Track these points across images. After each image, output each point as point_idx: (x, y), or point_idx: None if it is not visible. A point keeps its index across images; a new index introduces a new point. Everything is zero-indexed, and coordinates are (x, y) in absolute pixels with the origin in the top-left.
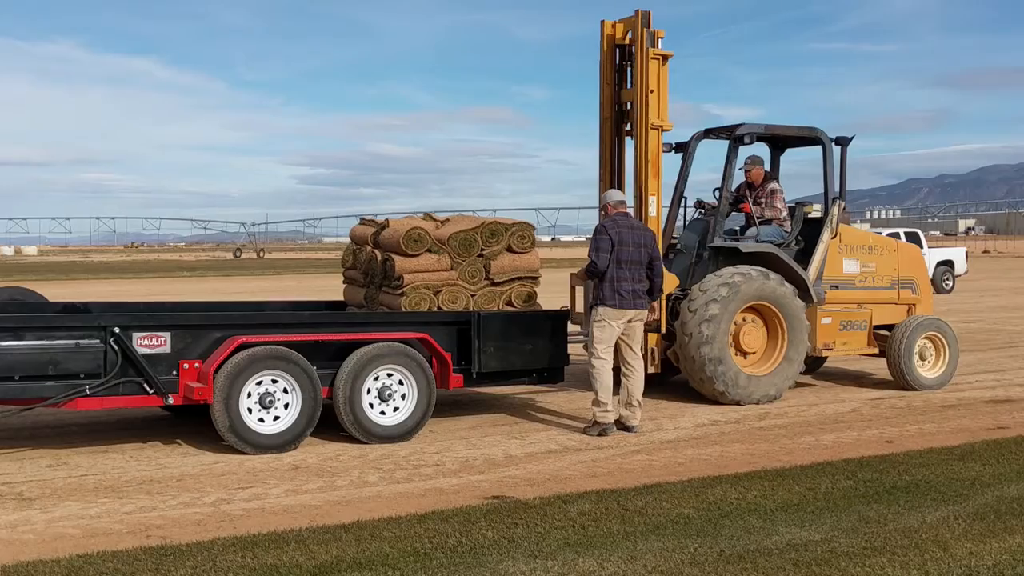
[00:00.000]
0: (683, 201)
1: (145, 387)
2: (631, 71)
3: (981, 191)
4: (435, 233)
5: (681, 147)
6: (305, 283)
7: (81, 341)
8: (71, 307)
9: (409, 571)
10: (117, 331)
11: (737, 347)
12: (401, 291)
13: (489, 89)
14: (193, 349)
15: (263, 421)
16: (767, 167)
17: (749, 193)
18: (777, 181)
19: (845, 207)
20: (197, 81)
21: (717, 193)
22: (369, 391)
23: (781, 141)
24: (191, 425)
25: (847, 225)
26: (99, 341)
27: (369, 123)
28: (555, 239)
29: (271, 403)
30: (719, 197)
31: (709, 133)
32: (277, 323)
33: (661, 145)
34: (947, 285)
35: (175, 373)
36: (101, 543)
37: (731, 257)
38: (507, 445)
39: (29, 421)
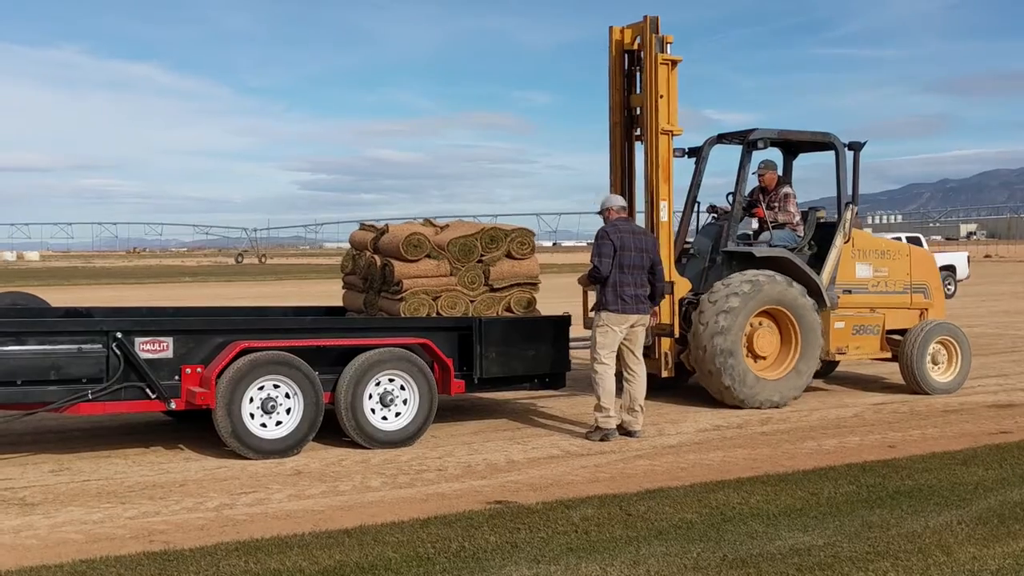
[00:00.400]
0: (696, 206)
1: (147, 392)
2: (640, 76)
3: (983, 196)
4: (434, 239)
5: (694, 152)
6: (306, 288)
7: (83, 346)
8: (73, 312)
9: None
10: (119, 336)
11: (750, 349)
12: (400, 296)
13: (490, 94)
14: (195, 354)
15: (265, 426)
16: (779, 172)
17: (762, 198)
18: (790, 185)
19: (857, 212)
20: (200, 87)
21: (730, 198)
22: (371, 396)
23: (794, 146)
24: (193, 430)
25: (860, 230)
26: (101, 346)
27: (370, 129)
28: (556, 244)
29: (273, 408)
30: (732, 202)
31: (722, 138)
32: (279, 328)
33: (672, 150)
34: (949, 290)
35: (177, 378)
36: (104, 548)
37: (744, 262)
38: (509, 450)
39: (32, 426)
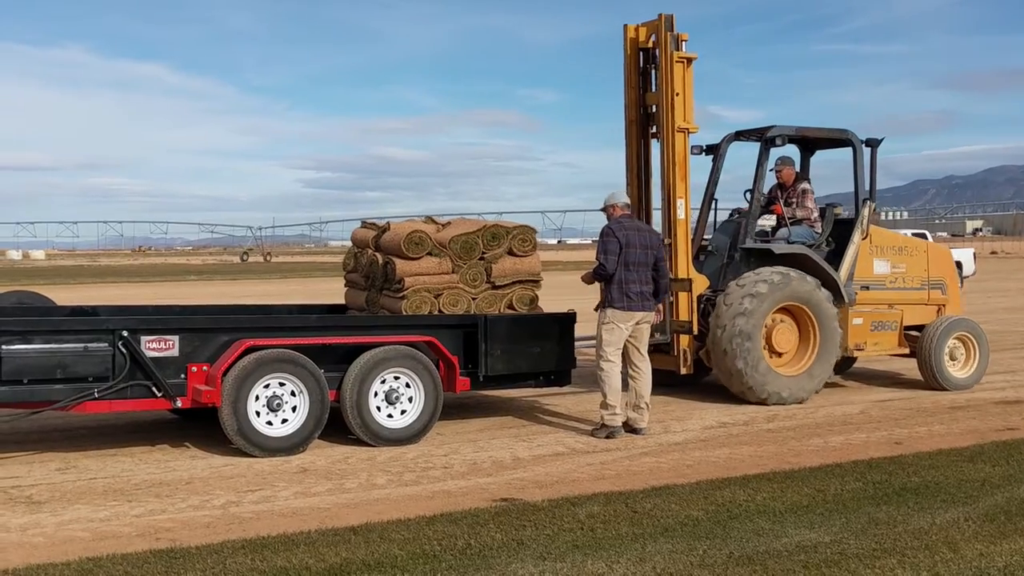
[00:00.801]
0: (713, 203)
1: (153, 390)
2: (656, 74)
3: (988, 192)
4: (436, 236)
5: (712, 149)
6: (311, 286)
7: (89, 345)
8: (79, 311)
9: (418, 573)
10: (125, 335)
11: (769, 345)
12: (402, 294)
13: (495, 92)
14: (201, 352)
15: (271, 424)
16: (796, 169)
17: (780, 194)
18: (808, 181)
19: (875, 208)
20: (204, 86)
21: (748, 195)
22: (376, 394)
23: (811, 143)
24: (199, 428)
25: (877, 226)
26: (107, 344)
27: (374, 127)
28: (561, 242)
29: (279, 406)
30: (751, 199)
31: (740, 135)
32: (284, 326)
33: (688, 147)
34: None
35: (183, 376)
36: (110, 546)
37: (763, 258)
38: (515, 447)
39: (38, 425)
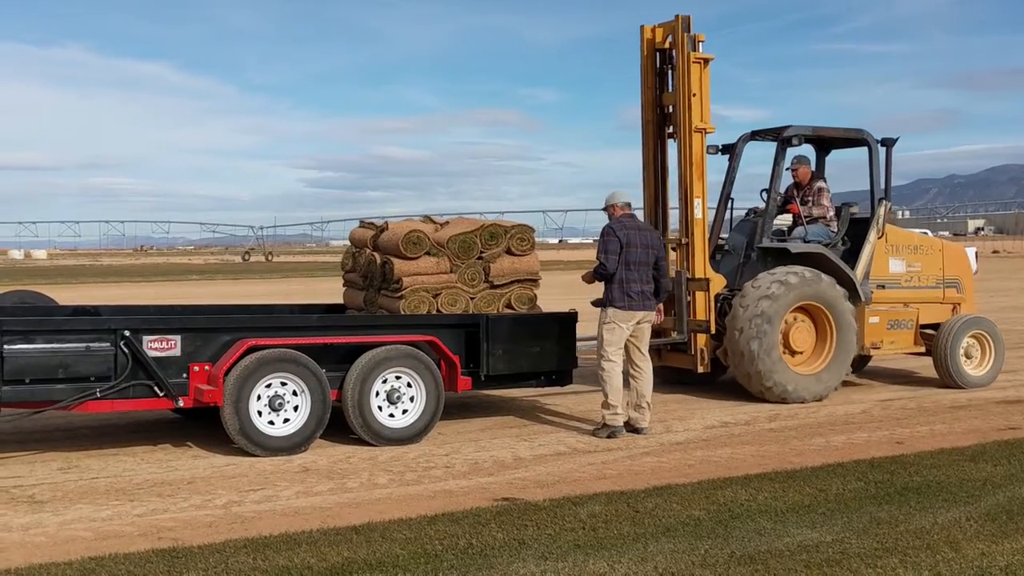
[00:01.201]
0: (730, 202)
1: (155, 390)
2: (672, 75)
3: (990, 191)
4: (434, 236)
5: (728, 149)
6: (313, 286)
7: (91, 344)
8: (81, 310)
9: (419, 573)
10: (127, 334)
11: (786, 344)
12: (400, 294)
13: (496, 91)
14: (203, 352)
15: (273, 423)
16: (812, 168)
17: (796, 193)
18: (824, 180)
19: (891, 207)
20: (205, 85)
21: (764, 194)
22: (378, 394)
23: (827, 143)
24: (201, 428)
25: (892, 225)
26: (109, 344)
27: (375, 126)
28: (562, 241)
29: (281, 405)
30: (767, 198)
31: (756, 135)
32: (286, 326)
33: (705, 147)
34: None
35: (185, 376)
36: (113, 545)
37: (779, 258)
38: (516, 447)
39: (40, 424)
